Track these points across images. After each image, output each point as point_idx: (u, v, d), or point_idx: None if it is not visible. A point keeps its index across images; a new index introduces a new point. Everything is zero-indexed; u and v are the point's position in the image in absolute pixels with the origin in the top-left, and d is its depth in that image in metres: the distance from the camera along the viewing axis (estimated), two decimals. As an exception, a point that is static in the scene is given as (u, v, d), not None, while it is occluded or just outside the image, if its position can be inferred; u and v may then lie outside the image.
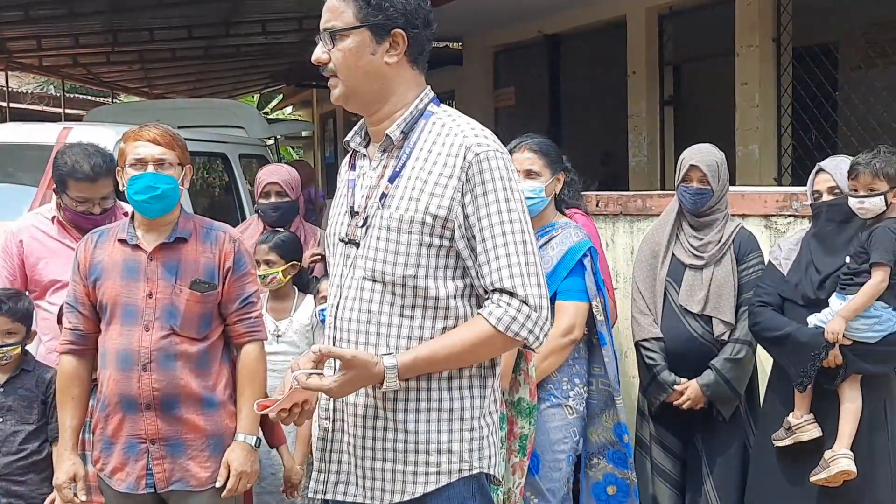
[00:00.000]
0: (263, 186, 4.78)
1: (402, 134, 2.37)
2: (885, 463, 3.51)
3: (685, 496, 4.05)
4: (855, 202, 3.44)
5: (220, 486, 3.12)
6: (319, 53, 2.36)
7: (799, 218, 4.21)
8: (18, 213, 4.53)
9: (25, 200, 4.91)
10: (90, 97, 18.59)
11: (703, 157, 3.97)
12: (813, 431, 3.51)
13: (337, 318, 2.38)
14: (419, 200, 2.29)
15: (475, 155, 2.28)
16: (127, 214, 3.30)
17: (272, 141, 10.70)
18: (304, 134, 20.12)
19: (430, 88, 2.44)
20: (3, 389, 3.55)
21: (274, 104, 23.44)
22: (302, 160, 16.66)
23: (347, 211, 2.43)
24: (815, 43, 7.81)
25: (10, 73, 13.83)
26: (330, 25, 2.34)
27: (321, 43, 2.36)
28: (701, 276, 3.94)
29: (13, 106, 14.82)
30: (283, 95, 21.46)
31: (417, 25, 2.36)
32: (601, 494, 3.77)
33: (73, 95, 17.92)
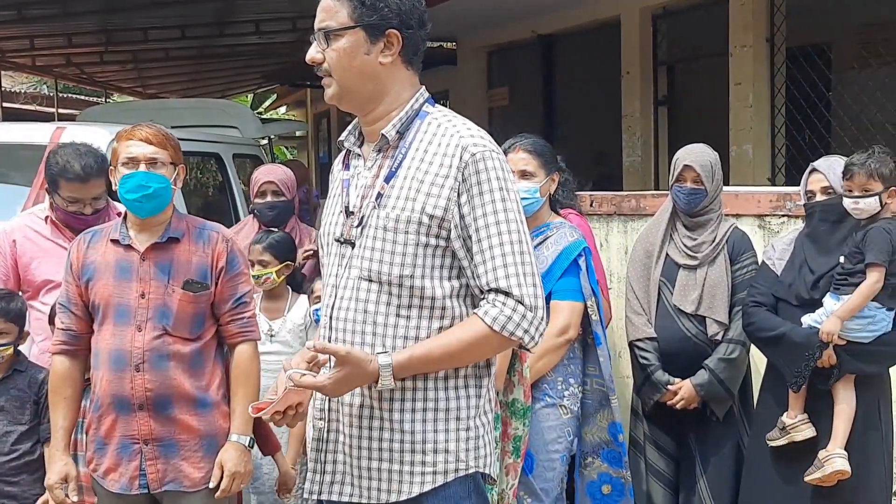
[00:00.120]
0: (260, 186, 4.76)
1: (397, 134, 2.37)
2: (879, 462, 3.52)
3: (679, 496, 4.05)
4: (850, 203, 3.44)
5: (213, 486, 3.12)
6: (314, 53, 2.36)
7: (792, 218, 4.22)
8: (12, 212, 4.50)
9: (18, 200, 4.88)
10: (83, 97, 18.53)
11: (697, 157, 3.98)
12: (807, 431, 3.51)
13: (332, 317, 2.37)
14: (415, 200, 2.29)
15: (472, 155, 2.28)
16: (120, 215, 3.29)
17: (266, 141, 10.68)
18: (297, 134, 20.09)
19: (424, 88, 2.44)
20: (-5, 390, 3.54)
21: (268, 104, 23.39)
22: (296, 160, 16.66)
23: (342, 210, 2.42)
24: (808, 43, 7.82)
25: (3, 72, 13.79)
26: (324, 25, 2.34)
27: (315, 42, 2.36)
28: (695, 276, 3.94)
29: (6, 105, 14.79)
30: (276, 95, 21.42)
31: (412, 26, 2.36)
32: (596, 493, 3.78)
33: (66, 95, 17.87)
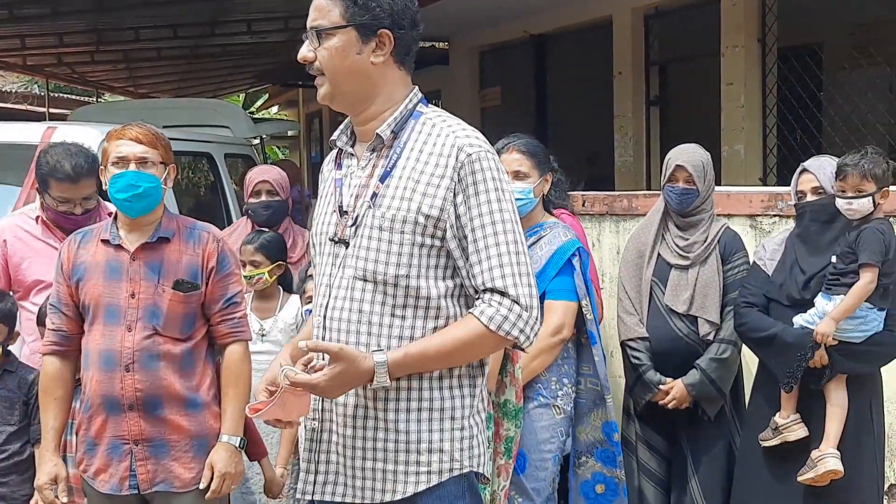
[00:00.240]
0: (254, 185, 4.74)
1: (392, 133, 2.37)
2: (871, 462, 3.53)
3: (671, 495, 4.06)
4: (843, 203, 3.43)
5: (204, 487, 3.11)
6: (305, 52, 2.36)
7: (784, 218, 4.22)
8: (2, 212, 4.49)
9: (9, 200, 4.86)
10: (75, 96, 18.47)
11: (688, 157, 3.98)
12: (799, 431, 3.51)
13: (326, 317, 2.36)
14: (411, 200, 2.29)
15: (467, 155, 2.29)
16: (111, 215, 3.27)
17: (258, 140, 10.65)
18: (289, 133, 20.06)
19: (417, 88, 2.44)
20: (-16, 390, 3.53)
21: (259, 104, 23.37)
22: (288, 160, 16.60)
23: (335, 210, 2.41)
24: (799, 44, 7.85)
25: (-7, 72, 13.77)
26: (317, 24, 2.33)
27: (307, 41, 2.36)
28: (686, 276, 3.95)
29: (-3, 105, 14.76)
30: (268, 95, 21.39)
31: (404, 26, 2.35)
32: (590, 493, 3.78)
33: (57, 95, 17.79)
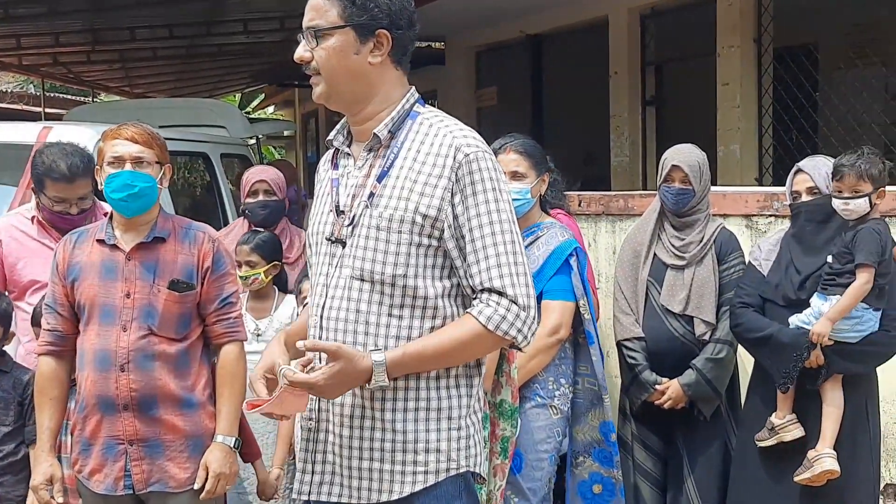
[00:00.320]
0: (251, 185, 4.74)
1: (389, 133, 2.37)
2: (867, 462, 3.52)
3: (667, 495, 4.06)
4: (840, 203, 3.43)
5: (198, 487, 3.10)
6: (302, 51, 2.36)
7: (780, 218, 4.22)
8: (-2, 212, 4.49)
9: (5, 200, 4.86)
10: (70, 96, 18.42)
11: (684, 157, 3.98)
12: (796, 432, 3.51)
13: (323, 317, 2.36)
14: (409, 200, 2.29)
15: (465, 156, 2.29)
16: (107, 215, 3.27)
17: (254, 140, 10.66)
18: (286, 133, 20.04)
19: (414, 89, 2.44)
20: (-21, 391, 3.51)
21: (256, 104, 23.32)
22: (284, 160, 16.62)
23: (332, 210, 2.41)
24: (795, 44, 7.85)
25: (-11, 72, 13.74)
26: (314, 24, 2.33)
27: (304, 41, 2.35)
28: (682, 276, 3.95)
29: (-7, 105, 14.73)
30: (264, 95, 21.34)
31: (402, 26, 2.36)
32: (587, 493, 3.78)
33: (53, 95, 17.76)
